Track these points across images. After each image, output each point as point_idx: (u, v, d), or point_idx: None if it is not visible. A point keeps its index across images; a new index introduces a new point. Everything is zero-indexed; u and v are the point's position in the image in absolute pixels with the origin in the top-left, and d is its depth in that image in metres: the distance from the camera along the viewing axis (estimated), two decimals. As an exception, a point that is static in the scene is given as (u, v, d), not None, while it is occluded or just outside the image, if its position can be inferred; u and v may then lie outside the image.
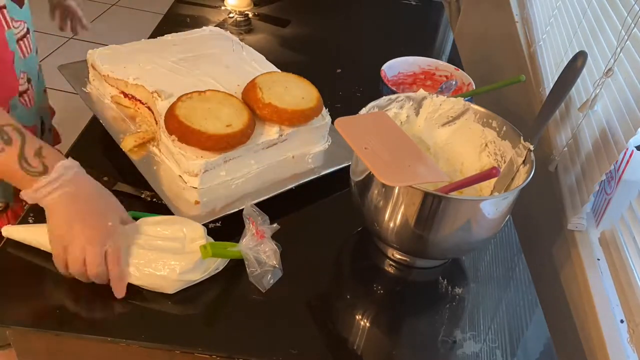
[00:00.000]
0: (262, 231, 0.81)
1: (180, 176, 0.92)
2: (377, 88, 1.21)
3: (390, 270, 0.89)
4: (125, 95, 1.02)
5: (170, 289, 0.77)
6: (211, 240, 0.81)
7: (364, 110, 0.88)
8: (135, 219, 0.87)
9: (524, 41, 1.61)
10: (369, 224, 0.85)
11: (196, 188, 0.90)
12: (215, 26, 1.46)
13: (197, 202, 0.88)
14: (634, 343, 0.85)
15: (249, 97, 0.98)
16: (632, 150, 0.96)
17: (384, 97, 0.92)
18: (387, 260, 0.90)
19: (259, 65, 1.12)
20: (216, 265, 0.80)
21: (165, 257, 0.77)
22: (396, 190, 0.77)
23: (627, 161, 0.96)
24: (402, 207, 0.78)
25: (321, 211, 0.85)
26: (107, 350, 0.76)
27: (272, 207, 0.96)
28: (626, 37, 0.98)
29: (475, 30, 2.27)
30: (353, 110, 0.87)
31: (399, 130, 0.84)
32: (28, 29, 1.01)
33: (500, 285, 0.90)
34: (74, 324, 0.73)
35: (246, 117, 0.94)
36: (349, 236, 0.93)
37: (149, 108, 1.00)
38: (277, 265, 0.81)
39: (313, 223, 0.84)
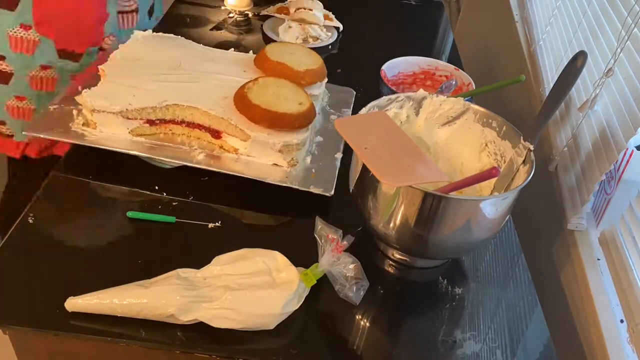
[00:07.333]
0: (341, 246, 0.79)
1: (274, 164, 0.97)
2: (377, 88, 1.21)
3: (390, 270, 0.89)
4: (152, 122, 0.98)
5: (272, 325, 0.75)
6: (291, 264, 0.79)
7: (364, 110, 0.88)
8: (134, 219, 0.88)
9: (524, 41, 1.61)
10: (369, 224, 0.85)
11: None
12: (213, 27, 1.46)
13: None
14: (634, 343, 0.85)
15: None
16: (632, 150, 0.96)
17: (384, 97, 0.92)
18: (387, 260, 0.90)
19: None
20: (306, 290, 0.79)
21: (263, 294, 0.75)
22: (396, 190, 0.77)
23: (627, 161, 0.96)
24: (402, 207, 0.78)
25: (321, 211, 0.85)
26: (107, 350, 0.76)
27: (270, 207, 0.96)
28: (626, 37, 0.98)
29: (475, 30, 2.27)
30: (353, 110, 0.87)
31: (399, 130, 0.84)
32: (138, 9, 1.24)
33: (500, 285, 0.90)
34: (74, 324, 0.73)
35: (304, 94, 1.02)
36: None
37: (189, 124, 0.99)
38: (362, 277, 0.79)
39: (313, 223, 0.84)
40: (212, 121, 0.98)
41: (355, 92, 1.23)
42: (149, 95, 0.97)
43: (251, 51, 1.17)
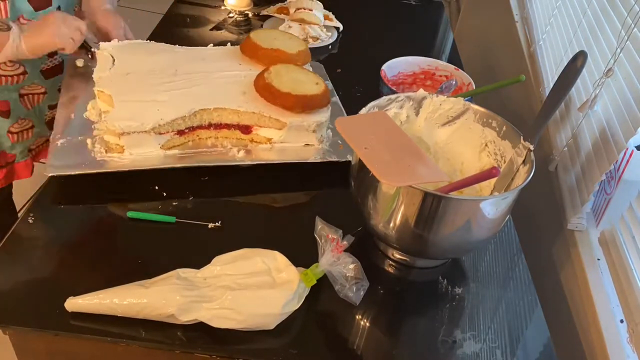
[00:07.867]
0: (341, 246, 0.79)
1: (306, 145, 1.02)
2: (377, 88, 1.21)
3: (390, 270, 0.89)
4: (182, 132, 0.98)
5: (272, 325, 0.75)
6: (291, 264, 0.79)
7: (364, 110, 0.88)
8: (134, 219, 0.88)
9: (524, 41, 1.61)
10: (369, 224, 0.85)
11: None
12: (213, 27, 1.46)
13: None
14: (634, 343, 0.85)
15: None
16: (632, 150, 0.96)
17: (384, 97, 0.92)
18: (387, 260, 0.90)
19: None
20: (306, 290, 0.79)
21: (263, 294, 0.75)
22: (396, 190, 0.77)
23: (627, 161, 0.96)
24: (402, 207, 0.78)
25: (321, 211, 0.85)
26: (107, 350, 0.76)
27: (269, 207, 0.96)
28: (626, 37, 0.98)
29: (475, 30, 2.27)
30: (353, 110, 0.88)
31: (399, 130, 0.84)
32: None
33: (500, 285, 0.90)
34: (74, 324, 0.73)
35: (313, 74, 1.05)
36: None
37: (217, 126, 0.99)
38: (362, 277, 0.79)
39: (313, 223, 0.84)
40: (241, 118, 0.99)
41: (322, 65, 1.30)
42: (172, 106, 0.96)
43: (229, 43, 1.18)
